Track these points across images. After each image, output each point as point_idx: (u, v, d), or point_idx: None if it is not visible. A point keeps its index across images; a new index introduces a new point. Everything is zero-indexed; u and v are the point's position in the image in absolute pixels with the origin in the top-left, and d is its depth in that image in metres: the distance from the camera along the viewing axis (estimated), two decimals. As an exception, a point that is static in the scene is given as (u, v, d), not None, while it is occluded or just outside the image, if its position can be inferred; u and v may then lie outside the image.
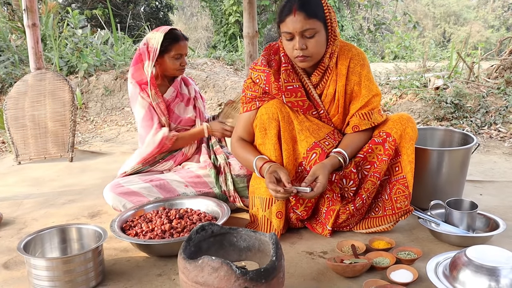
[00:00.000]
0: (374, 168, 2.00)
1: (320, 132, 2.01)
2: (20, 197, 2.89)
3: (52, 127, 3.72)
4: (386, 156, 1.98)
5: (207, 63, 6.52)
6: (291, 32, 1.85)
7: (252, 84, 2.03)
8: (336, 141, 2.03)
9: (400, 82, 5.00)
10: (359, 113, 2.01)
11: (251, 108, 2.04)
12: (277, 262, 1.35)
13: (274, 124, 1.96)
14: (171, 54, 2.43)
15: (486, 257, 1.49)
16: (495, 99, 4.39)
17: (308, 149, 1.97)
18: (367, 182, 2.01)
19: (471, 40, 10.51)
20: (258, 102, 2.03)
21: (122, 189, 2.27)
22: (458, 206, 2.07)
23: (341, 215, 2.03)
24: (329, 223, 2.04)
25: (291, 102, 1.99)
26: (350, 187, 2.00)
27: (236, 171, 2.34)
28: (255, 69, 2.03)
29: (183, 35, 2.49)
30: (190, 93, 2.65)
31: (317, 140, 1.97)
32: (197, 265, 1.30)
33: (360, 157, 2.00)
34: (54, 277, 1.62)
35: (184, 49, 2.47)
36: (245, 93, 2.07)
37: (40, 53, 3.97)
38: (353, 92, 2.01)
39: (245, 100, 2.07)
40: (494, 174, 3.05)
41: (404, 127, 1.98)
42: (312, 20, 1.83)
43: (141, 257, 1.95)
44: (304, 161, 1.98)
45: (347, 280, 1.69)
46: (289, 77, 1.98)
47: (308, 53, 1.87)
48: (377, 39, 11.50)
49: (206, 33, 17.36)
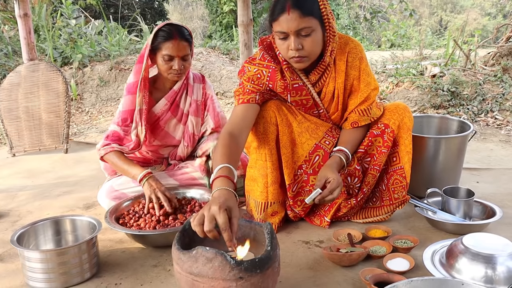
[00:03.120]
0: (374, 160, 1.98)
1: (319, 131, 1.97)
2: (15, 189, 2.87)
3: (46, 118, 3.69)
4: (385, 148, 1.96)
5: (202, 53, 6.48)
6: (285, 32, 1.71)
7: (255, 77, 1.88)
8: (334, 138, 1.99)
9: (397, 70, 4.98)
10: (358, 110, 1.93)
11: (248, 101, 1.87)
12: (272, 252, 1.33)
13: (272, 128, 1.91)
14: (162, 53, 2.12)
15: (482, 244, 1.49)
16: (491, 86, 4.38)
17: (310, 152, 1.93)
18: (367, 175, 1.99)
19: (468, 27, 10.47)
20: (258, 97, 1.89)
21: (117, 193, 2.20)
22: (454, 194, 2.07)
23: (342, 209, 2.02)
24: (328, 215, 2.03)
25: (295, 102, 1.91)
26: (355, 184, 1.99)
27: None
28: (254, 63, 1.90)
29: (181, 33, 2.12)
30: (191, 105, 2.32)
31: (317, 141, 1.94)
32: (191, 255, 1.28)
33: (362, 151, 1.98)
34: (48, 269, 1.60)
35: (176, 50, 2.10)
36: (243, 85, 1.90)
37: (33, 43, 3.92)
38: (353, 86, 1.94)
39: (243, 91, 1.89)
40: (491, 162, 3.04)
41: (401, 117, 1.96)
42: (308, 18, 1.69)
43: (137, 248, 1.94)
44: (305, 164, 1.95)
45: (344, 269, 1.69)
46: (293, 75, 1.87)
47: (304, 53, 1.74)
48: (373, 27, 11.44)
49: (202, 23, 17.23)
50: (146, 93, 2.19)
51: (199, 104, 2.33)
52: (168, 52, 2.10)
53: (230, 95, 5.35)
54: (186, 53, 2.14)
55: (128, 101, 2.20)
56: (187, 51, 2.14)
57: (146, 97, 2.19)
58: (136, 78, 2.18)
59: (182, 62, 2.14)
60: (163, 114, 2.28)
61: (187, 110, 2.33)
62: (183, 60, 2.15)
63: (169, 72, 2.16)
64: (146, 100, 2.19)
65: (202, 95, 2.34)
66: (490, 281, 1.41)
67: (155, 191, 2.01)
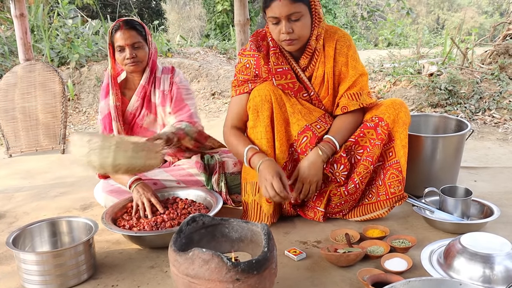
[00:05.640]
0: (367, 152, 1.99)
1: (312, 116, 2.02)
2: (11, 190, 2.86)
3: (43, 119, 3.67)
4: (379, 141, 1.97)
5: (199, 52, 6.46)
6: (277, 17, 1.87)
7: (243, 68, 2.04)
8: (327, 124, 2.03)
9: (394, 69, 4.97)
10: (348, 94, 2.02)
11: (244, 91, 2.03)
12: (269, 253, 1.33)
13: (266, 106, 1.95)
14: (115, 46, 2.17)
15: (480, 244, 1.48)
16: (489, 84, 4.38)
17: (299, 132, 1.98)
18: (359, 166, 2.00)
19: (465, 26, 10.48)
20: (251, 84, 2.03)
21: (113, 187, 2.21)
22: (452, 193, 2.06)
23: (333, 198, 2.03)
24: (321, 205, 2.04)
25: (281, 85, 2.00)
26: (341, 172, 2.00)
27: (230, 169, 2.24)
28: (244, 54, 2.06)
29: (127, 23, 2.17)
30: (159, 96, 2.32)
31: (308, 123, 1.98)
32: (187, 257, 1.28)
33: (352, 141, 2.00)
34: (44, 271, 1.60)
35: (124, 39, 2.13)
36: (237, 77, 2.07)
37: (29, 43, 3.91)
38: (341, 73, 2.03)
39: (237, 83, 2.07)
40: (488, 160, 3.04)
41: (397, 112, 1.98)
42: (298, 3, 1.85)
43: (133, 249, 1.93)
44: (295, 143, 2.00)
45: (341, 270, 1.68)
46: (278, 60, 2.00)
47: (294, 36, 1.89)
48: (370, 26, 11.45)
49: (199, 22, 17.21)
50: (118, 91, 2.25)
51: (166, 93, 2.31)
52: (118, 43, 2.15)
53: (227, 95, 5.34)
54: (135, 41, 2.16)
55: (104, 106, 2.26)
56: (137, 39, 2.17)
57: (119, 95, 2.24)
58: (106, 80, 2.26)
59: (133, 50, 2.16)
60: (138, 111, 2.30)
61: (157, 102, 2.33)
62: (134, 48, 2.17)
63: (125, 63, 2.19)
64: (119, 97, 2.24)
65: (169, 85, 2.32)
66: (488, 280, 1.40)
67: (141, 197, 2.05)
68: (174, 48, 6.50)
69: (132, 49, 2.16)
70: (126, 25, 2.16)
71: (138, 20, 2.25)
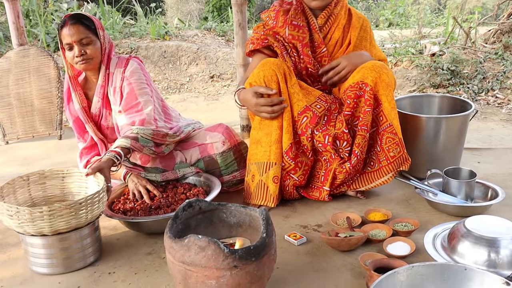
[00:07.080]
0: (360, 121, 1.97)
1: (311, 96, 2.02)
2: (9, 177, 2.80)
3: (38, 104, 3.61)
4: (369, 107, 1.96)
5: (198, 35, 6.36)
6: None
7: (260, 27, 2.19)
8: (327, 103, 2.02)
9: (395, 49, 4.89)
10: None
11: (262, 43, 2.13)
12: (268, 239, 1.29)
13: (274, 86, 1.96)
14: (64, 44, 2.00)
15: (485, 227, 1.44)
16: (492, 64, 4.30)
17: (299, 112, 1.97)
18: (357, 137, 1.98)
19: (468, 5, 10.30)
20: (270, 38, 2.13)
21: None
22: (456, 175, 2.02)
23: (338, 175, 2.01)
24: (326, 184, 2.02)
25: (292, 35, 2.08)
26: (345, 148, 1.98)
27: (220, 148, 2.14)
28: (266, 12, 2.20)
29: (73, 18, 1.98)
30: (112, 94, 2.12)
31: (308, 103, 1.98)
32: (183, 244, 1.24)
33: (349, 114, 1.98)
34: (51, 254, 1.62)
35: (70, 35, 1.95)
36: (252, 37, 2.19)
37: (22, 28, 3.82)
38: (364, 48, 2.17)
39: (254, 40, 2.17)
40: (492, 141, 2.99)
41: (378, 74, 1.95)
42: None
43: (131, 235, 1.90)
44: (296, 124, 1.99)
45: (342, 254, 1.65)
46: (297, 15, 2.10)
47: None
48: (371, 6, 11.28)
49: (198, 5, 16.98)
50: (81, 91, 2.12)
51: (117, 90, 2.10)
52: (65, 40, 1.98)
53: (226, 77, 5.27)
54: (82, 37, 1.97)
55: (70, 114, 2.18)
56: (84, 34, 1.98)
57: (82, 95, 2.12)
58: (66, 84, 2.14)
59: (81, 47, 1.98)
60: (100, 112, 2.15)
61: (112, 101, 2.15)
62: (83, 45, 1.98)
63: (75, 62, 2.01)
64: (84, 99, 2.12)
65: (120, 80, 2.09)
66: (494, 265, 1.36)
67: (136, 186, 2.01)
68: (172, 31, 6.40)
69: (80, 46, 1.97)
70: (71, 19, 1.96)
71: (86, 13, 2.06)
